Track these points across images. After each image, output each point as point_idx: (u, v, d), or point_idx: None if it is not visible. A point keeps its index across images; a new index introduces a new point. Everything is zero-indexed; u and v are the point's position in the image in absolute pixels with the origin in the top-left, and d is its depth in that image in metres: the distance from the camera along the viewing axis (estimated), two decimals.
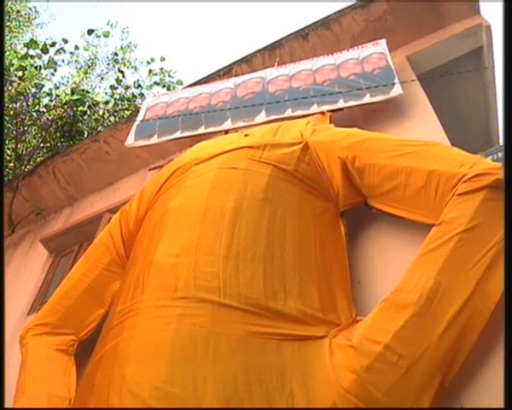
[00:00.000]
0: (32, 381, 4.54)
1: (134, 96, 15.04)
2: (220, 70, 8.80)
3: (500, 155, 4.85)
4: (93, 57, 15.11)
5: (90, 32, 14.56)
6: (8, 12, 16.89)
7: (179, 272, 3.62)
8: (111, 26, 14.95)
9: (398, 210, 4.21)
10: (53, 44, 12.79)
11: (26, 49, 12.81)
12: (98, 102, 14.55)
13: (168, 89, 14.61)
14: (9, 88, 11.26)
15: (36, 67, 12.82)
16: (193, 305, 3.38)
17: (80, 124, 12.79)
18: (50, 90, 13.70)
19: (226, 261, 3.65)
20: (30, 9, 19.06)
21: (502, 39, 3.34)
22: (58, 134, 12.51)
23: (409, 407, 2.90)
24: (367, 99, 6.17)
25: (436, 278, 3.25)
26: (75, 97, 12.34)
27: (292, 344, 3.27)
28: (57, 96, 13.69)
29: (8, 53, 14.74)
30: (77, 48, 14.85)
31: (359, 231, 4.66)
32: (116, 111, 14.75)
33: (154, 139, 7.53)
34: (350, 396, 2.92)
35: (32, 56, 12.67)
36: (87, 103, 13.32)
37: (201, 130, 7.19)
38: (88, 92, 14.04)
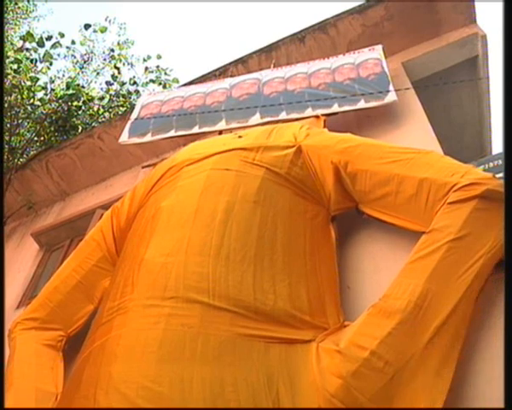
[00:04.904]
0: (19, 375, 4.53)
1: (129, 92, 15.02)
2: (216, 70, 8.82)
3: (491, 164, 4.88)
4: (89, 52, 15.03)
5: (87, 26, 14.54)
6: (6, 4, 16.81)
7: (169, 271, 3.62)
8: (109, 21, 14.96)
9: (388, 217, 4.24)
10: (49, 38, 12.80)
11: (22, 41, 12.80)
12: (93, 98, 14.53)
13: (164, 87, 14.62)
14: (4, 80, 11.23)
15: (31, 61, 12.79)
16: (182, 305, 3.38)
17: (75, 119, 12.79)
18: (45, 83, 13.65)
19: (216, 262, 3.66)
20: (28, 2, 18.99)
21: (502, 40, 3.36)
22: (52, 128, 12.48)
23: (408, 407, 2.92)
24: (361, 104, 6.21)
25: (424, 285, 3.28)
26: (70, 92, 12.35)
27: (279, 347, 3.28)
28: (52, 90, 13.64)
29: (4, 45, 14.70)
30: (73, 42, 14.80)
31: (350, 236, 4.68)
32: (111, 107, 14.72)
33: (148, 137, 7.55)
34: (335, 401, 2.94)
35: (27, 49, 12.67)
36: (82, 98, 13.32)
37: (195, 129, 7.20)
38: (83, 87, 14.02)
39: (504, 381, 2.68)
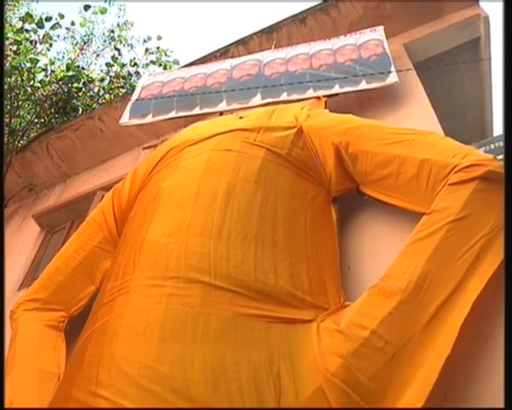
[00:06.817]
0: (21, 356, 4.55)
1: (130, 74, 15.01)
2: (217, 51, 8.78)
3: (493, 146, 4.88)
4: (89, 34, 14.98)
5: (86, 7, 14.47)
6: None
7: (170, 251, 3.63)
8: (108, 2, 14.87)
9: (389, 198, 4.24)
10: (49, 19, 12.71)
11: (21, 23, 12.71)
12: (93, 79, 14.50)
13: (164, 68, 14.58)
14: (4, 62, 11.17)
15: (31, 42, 12.73)
16: (183, 285, 3.40)
17: (75, 100, 12.77)
18: (45, 65, 13.60)
19: (217, 242, 3.67)
20: None
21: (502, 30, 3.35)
22: (52, 110, 12.46)
23: (409, 408, 2.92)
24: (362, 85, 6.18)
25: (425, 266, 3.28)
26: (70, 74, 12.31)
27: (280, 327, 3.29)
28: (52, 71, 13.60)
29: None
30: (73, 23, 14.75)
31: (351, 217, 4.68)
32: (111, 89, 14.70)
33: (149, 118, 7.54)
34: (336, 380, 2.94)
35: (27, 30, 12.59)
36: (82, 80, 13.27)
37: (196, 110, 7.20)
38: (83, 69, 13.97)
39: (504, 381, 2.69)
